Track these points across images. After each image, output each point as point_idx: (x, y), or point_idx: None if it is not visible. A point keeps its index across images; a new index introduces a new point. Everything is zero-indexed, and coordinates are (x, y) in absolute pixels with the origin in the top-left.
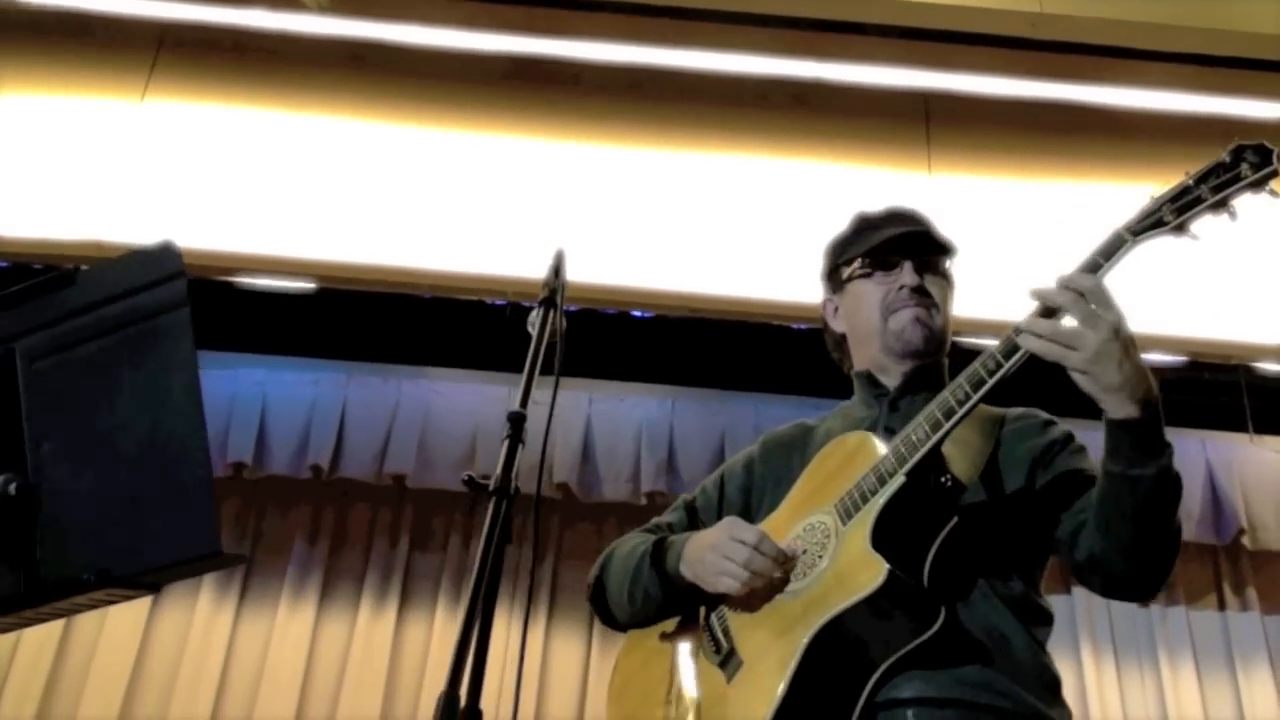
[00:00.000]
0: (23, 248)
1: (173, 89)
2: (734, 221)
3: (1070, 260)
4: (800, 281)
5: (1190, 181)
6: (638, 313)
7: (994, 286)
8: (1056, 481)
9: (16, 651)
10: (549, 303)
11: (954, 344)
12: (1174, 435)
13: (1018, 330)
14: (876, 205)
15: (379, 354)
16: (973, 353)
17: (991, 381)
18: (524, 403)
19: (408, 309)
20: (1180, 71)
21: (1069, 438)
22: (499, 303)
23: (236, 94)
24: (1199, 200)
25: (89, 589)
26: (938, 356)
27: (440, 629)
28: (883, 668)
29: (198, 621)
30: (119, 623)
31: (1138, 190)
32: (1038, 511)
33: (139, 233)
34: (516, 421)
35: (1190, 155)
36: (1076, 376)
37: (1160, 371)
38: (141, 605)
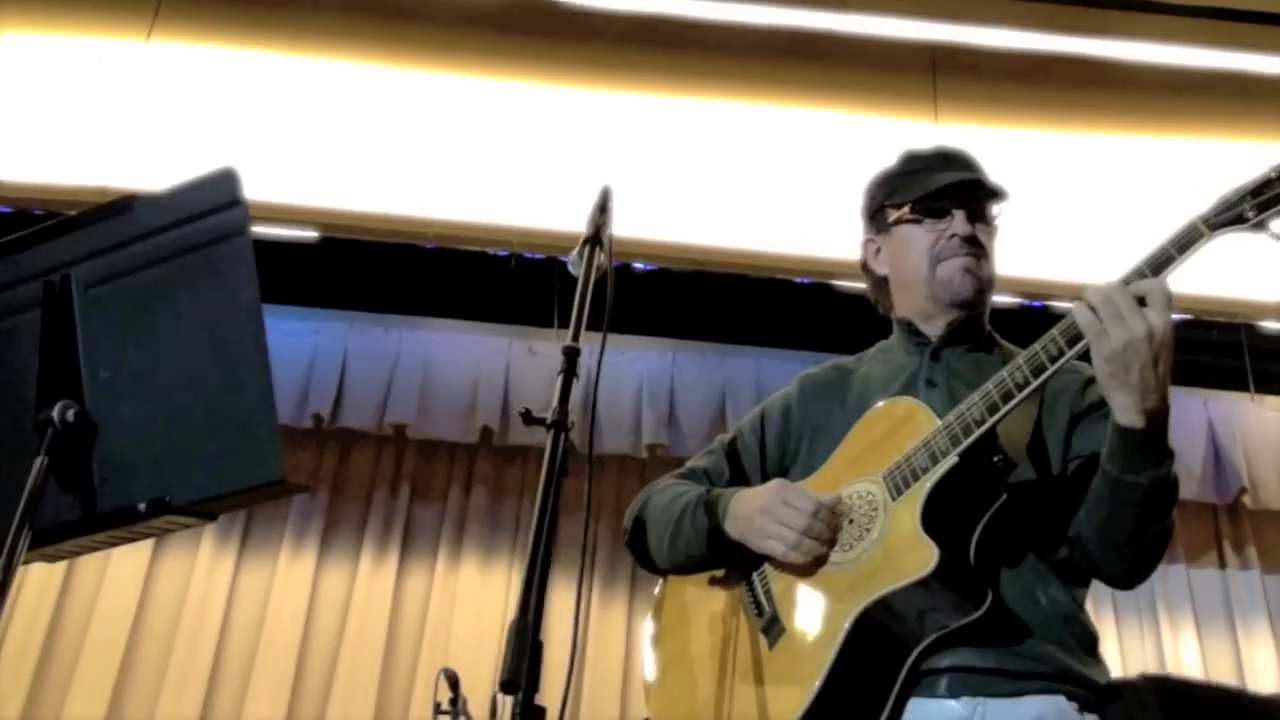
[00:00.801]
0: (23, 192)
1: (178, 30)
2: (738, 173)
3: (1077, 212)
4: (805, 235)
5: (1274, 174)
6: (640, 265)
7: (999, 239)
8: (1087, 460)
9: (19, 597)
10: (594, 241)
11: None
12: (1175, 393)
13: (1049, 338)
14: (885, 155)
15: (380, 304)
16: None
17: (1052, 369)
18: (575, 336)
19: (410, 259)
20: (1191, 25)
21: (1104, 401)
22: (501, 253)
23: (241, 36)
24: None
25: (145, 518)
26: (982, 308)
27: (441, 579)
28: (924, 643)
29: (199, 569)
30: (121, 570)
31: (1146, 144)
32: (1074, 479)
33: (141, 177)
34: (571, 356)
35: (1201, 110)
36: (1097, 363)
37: None
38: (143, 552)
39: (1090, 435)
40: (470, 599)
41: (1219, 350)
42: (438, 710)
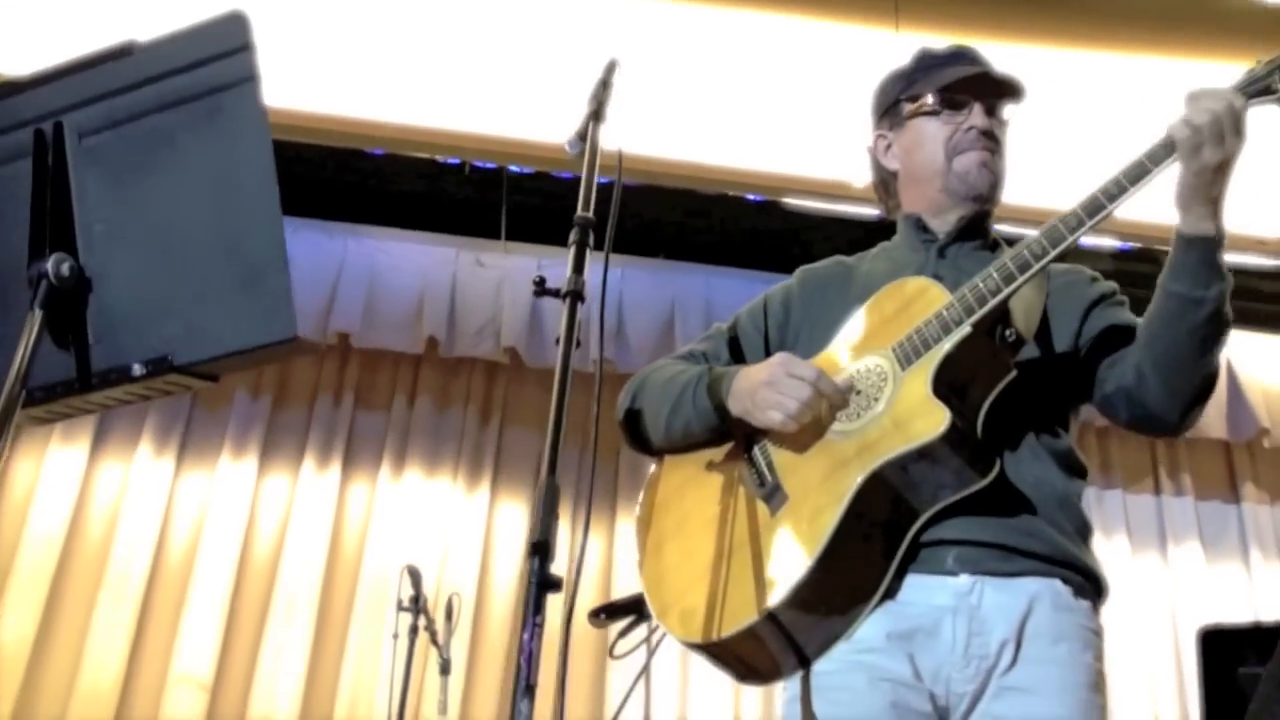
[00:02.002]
0: None
1: None
2: (691, 81)
3: (1036, 130)
4: (760, 147)
5: None
6: None
7: None
8: (1102, 334)
9: None
10: (596, 116)
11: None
12: None
13: (1070, 215)
14: (843, 65)
15: (325, 210)
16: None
17: (1071, 238)
18: (586, 205)
19: (357, 163)
20: None
21: (1113, 290)
22: (453, 161)
23: None
24: None
25: (144, 378)
26: (993, 205)
27: (384, 487)
28: (930, 512)
29: (137, 471)
30: (57, 469)
31: (1108, 60)
32: (1082, 364)
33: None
34: (584, 225)
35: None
36: (1186, 179)
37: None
38: (80, 452)
39: (1104, 318)
40: (414, 509)
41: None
42: (399, 607)
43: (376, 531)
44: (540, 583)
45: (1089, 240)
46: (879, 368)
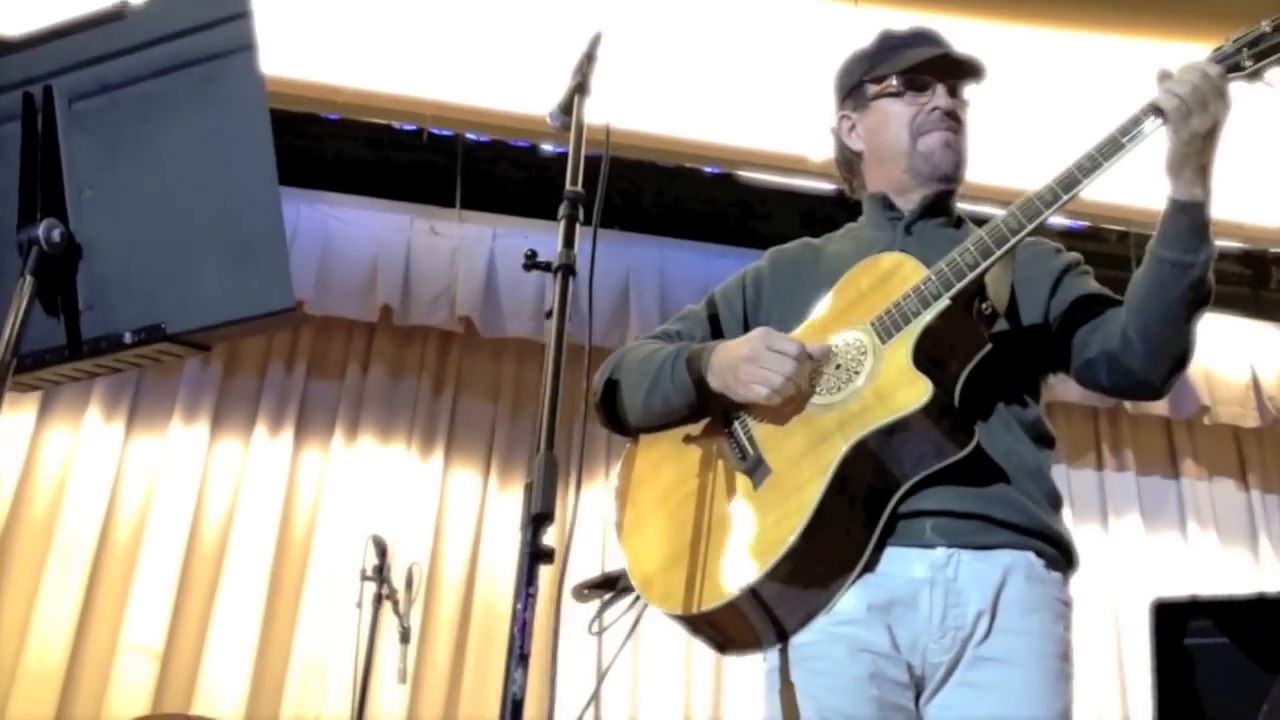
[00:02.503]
0: None
1: None
2: (647, 50)
3: (995, 108)
4: (716, 120)
5: (1267, 27)
6: (548, 147)
7: None
8: (1073, 304)
9: None
10: (581, 89)
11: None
12: None
13: (1045, 190)
14: (802, 37)
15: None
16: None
17: (1047, 212)
18: (574, 179)
19: (311, 128)
20: None
21: (1078, 260)
22: (409, 128)
23: None
24: (1278, 47)
25: (135, 346)
26: (957, 184)
27: (337, 456)
28: (910, 482)
29: (85, 437)
30: (2, 436)
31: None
32: (1055, 335)
33: None
34: (574, 199)
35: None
36: (1176, 147)
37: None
38: (27, 418)
39: (1072, 288)
40: (367, 477)
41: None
42: (363, 575)
43: (329, 499)
44: (533, 553)
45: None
46: (858, 342)
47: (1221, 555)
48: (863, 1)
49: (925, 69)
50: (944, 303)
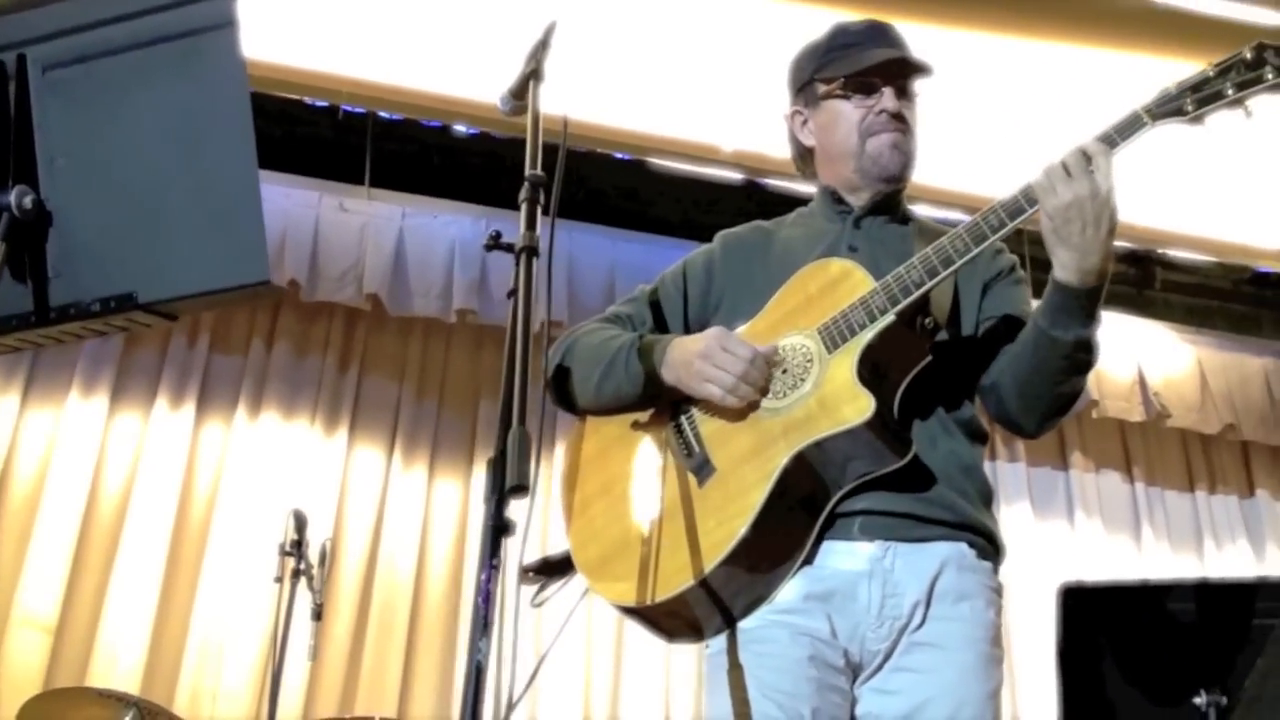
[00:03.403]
0: None
1: None
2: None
3: (942, 107)
4: (629, 107)
5: (1211, 73)
6: (461, 127)
7: None
8: (998, 321)
9: None
10: (534, 75)
11: (760, 184)
12: None
13: (990, 211)
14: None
15: None
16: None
17: (993, 238)
18: (534, 164)
19: None
20: None
21: (1014, 266)
22: (321, 103)
23: None
24: (1220, 95)
25: (101, 314)
26: (904, 183)
27: (239, 432)
28: (846, 488)
29: None
30: None
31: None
32: (981, 345)
33: None
34: (535, 184)
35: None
36: (1044, 223)
37: None
38: None
39: (999, 298)
40: (269, 454)
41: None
42: (283, 551)
43: (231, 475)
44: (497, 526)
45: None
46: (805, 348)
47: (1106, 543)
48: None
49: (874, 70)
50: (889, 318)
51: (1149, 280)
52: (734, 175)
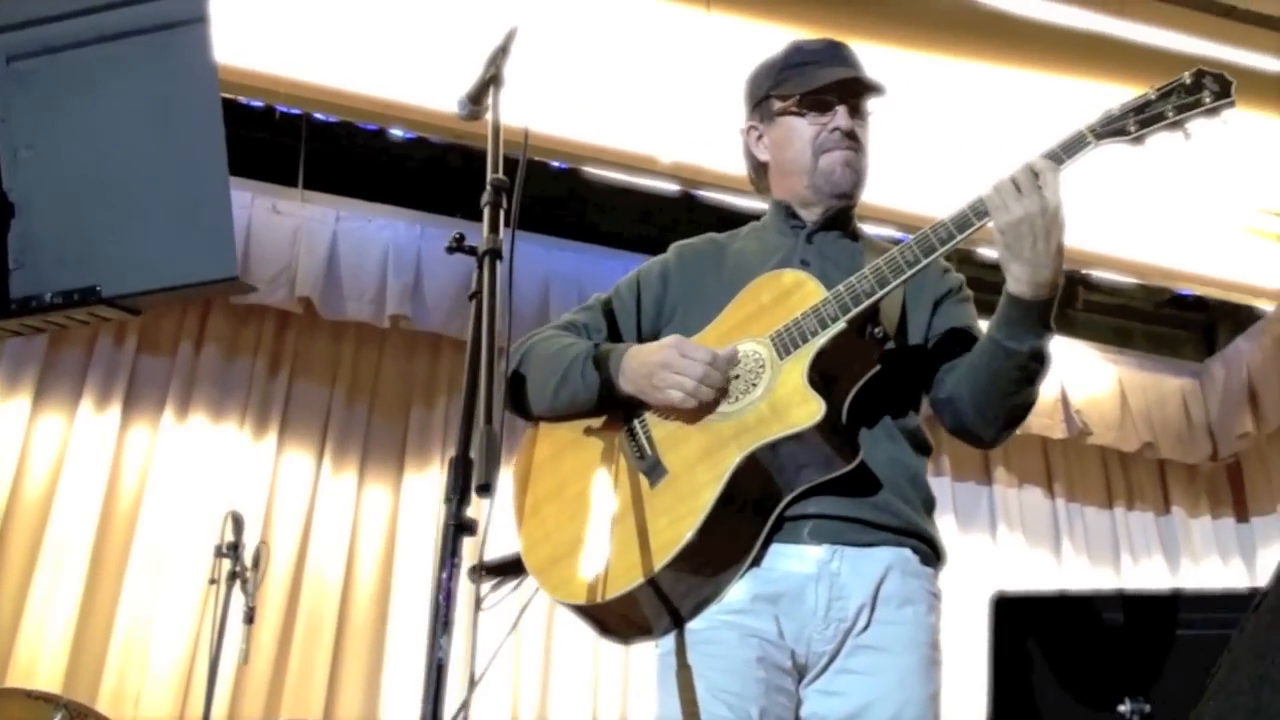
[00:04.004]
0: None
1: None
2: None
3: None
4: (565, 116)
5: (1153, 96)
6: (398, 131)
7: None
8: (946, 335)
9: None
10: (494, 81)
11: (696, 196)
12: None
13: (941, 225)
14: (651, 34)
15: None
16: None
17: (941, 250)
18: (495, 167)
19: None
20: None
21: (961, 285)
22: (256, 103)
23: None
24: (1161, 117)
25: (63, 307)
26: (856, 200)
27: (167, 434)
28: (796, 492)
29: None
30: None
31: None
32: (929, 359)
33: None
34: (498, 188)
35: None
36: (996, 238)
37: None
38: None
39: (947, 315)
40: (196, 458)
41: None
42: (219, 552)
43: (157, 478)
44: (457, 525)
45: None
46: (757, 354)
47: (1028, 556)
48: (715, 7)
49: (829, 89)
50: (840, 326)
51: (1072, 300)
52: (670, 187)
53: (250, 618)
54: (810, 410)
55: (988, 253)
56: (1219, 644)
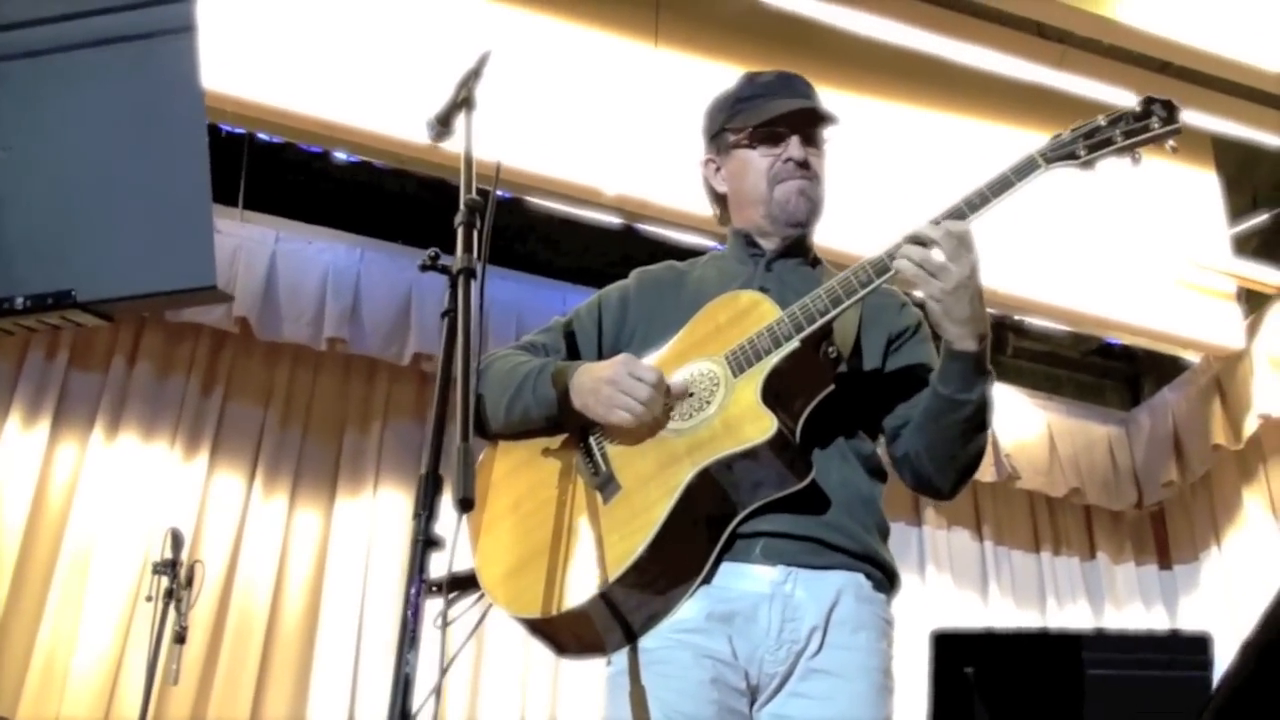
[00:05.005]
0: None
1: None
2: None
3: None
4: (511, 145)
5: (1103, 121)
6: (340, 154)
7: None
8: (902, 371)
9: None
10: (466, 104)
11: (636, 230)
12: None
13: (896, 249)
14: (601, 69)
15: None
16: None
17: (893, 270)
18: (469, 189)
19: None
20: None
21: (919, 324)
22: None
23: None
24: (1110, 141)
25: (33, 311)
26: (812, 227)
27: (96, 451)
28: (749, 508)
29: None
30: None
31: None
32: (885, 392)
33: None
34: (473, 207)
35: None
36: (931, 305)
37: None
38: None
39: (905, 354)
40: (125, 476)
41: None
42: (155, 569)
43: (84, 496)
44: (426, 540)
45: None
46: (712, 373)
47: (956, 597)
48: (663, 43)
49: (781, 120)
50: (794, 344)
51: (1001, 346)
52: (612, 219)
53: (182, 637)
54: (762, 426)
55: None
56: (1144, 681)
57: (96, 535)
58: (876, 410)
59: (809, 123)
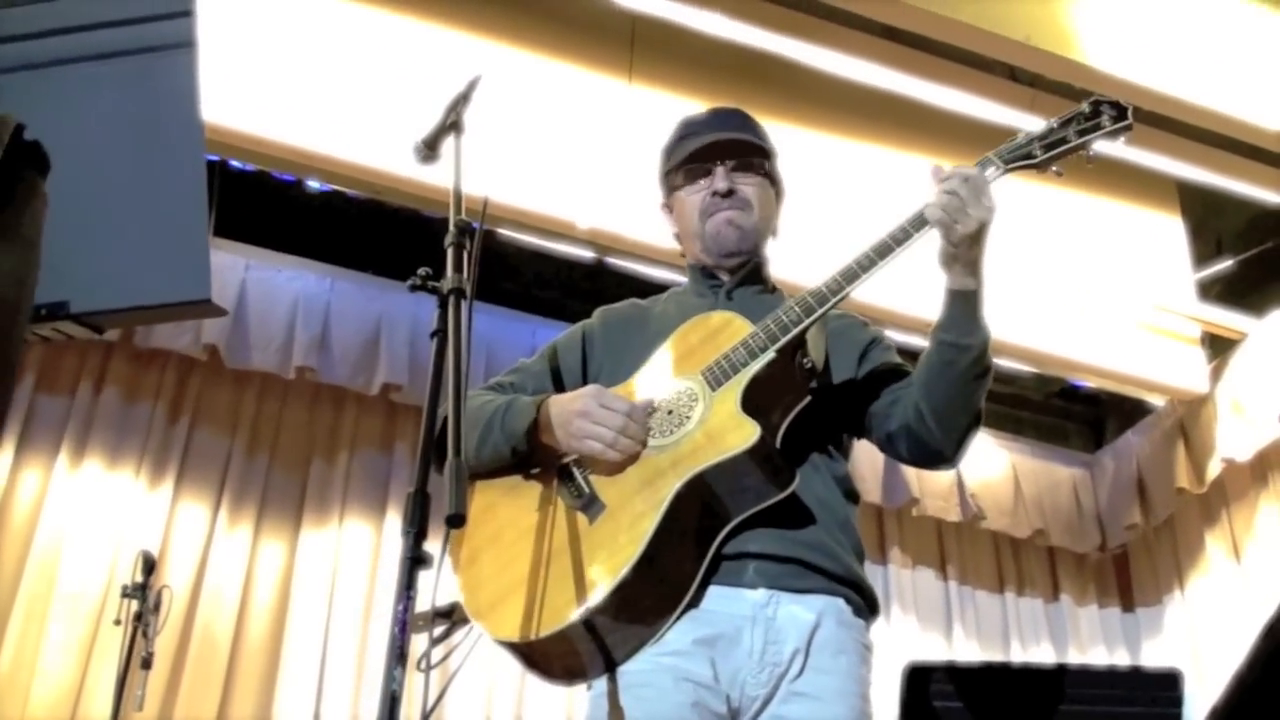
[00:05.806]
0: None
1: None
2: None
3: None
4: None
5: (1055, 124)
6: (315, 183)
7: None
8: (877, 372)
9: None
10: (454, 128)
11: (607, 264)
12: None
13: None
14: (575, 103)
15: None
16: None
17: (864, 276)
18: (457, 209)
19: None
20: (879, 47)
21: (882, 335)
22: None
23: None
24: (1065, 141)
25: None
26: (756, 253)
27: (61, 476)
28: (734, 522)
29: None
30: None
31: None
32: (860, 401)
33: None
34: (462, 228)
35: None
36: (946, 248)
37: None
38: None
39: (875, 358)
40: (91, 502)
41: None
42: (124, 592)
43: (48, 522)
44: (414, 559)
45: None
46: (690, 390)
47: (920, 637)
48: (636, 80)
49: (703, 155)
50: (771, 354)
51: None
52: (583, 252)
53: (148, 663)
54: (745, 434)
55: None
56: (1115, 718)
57: (60, 561)
58: (853, 422)
59: (736, 152)
